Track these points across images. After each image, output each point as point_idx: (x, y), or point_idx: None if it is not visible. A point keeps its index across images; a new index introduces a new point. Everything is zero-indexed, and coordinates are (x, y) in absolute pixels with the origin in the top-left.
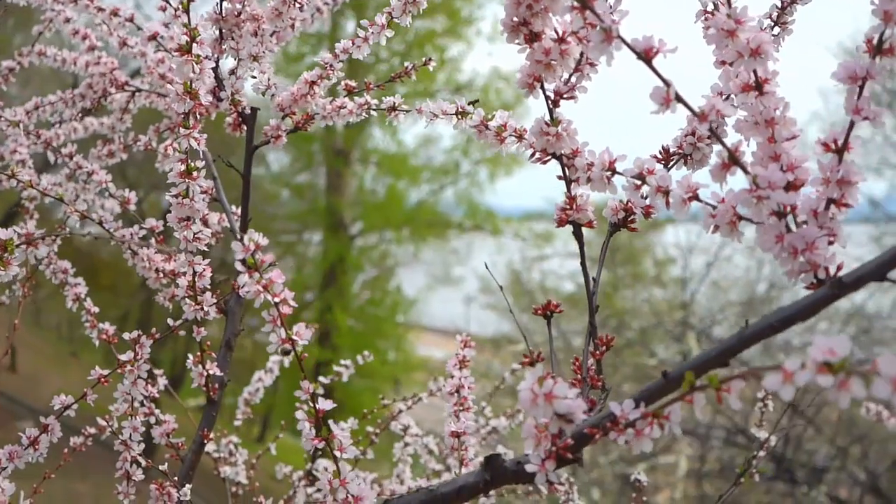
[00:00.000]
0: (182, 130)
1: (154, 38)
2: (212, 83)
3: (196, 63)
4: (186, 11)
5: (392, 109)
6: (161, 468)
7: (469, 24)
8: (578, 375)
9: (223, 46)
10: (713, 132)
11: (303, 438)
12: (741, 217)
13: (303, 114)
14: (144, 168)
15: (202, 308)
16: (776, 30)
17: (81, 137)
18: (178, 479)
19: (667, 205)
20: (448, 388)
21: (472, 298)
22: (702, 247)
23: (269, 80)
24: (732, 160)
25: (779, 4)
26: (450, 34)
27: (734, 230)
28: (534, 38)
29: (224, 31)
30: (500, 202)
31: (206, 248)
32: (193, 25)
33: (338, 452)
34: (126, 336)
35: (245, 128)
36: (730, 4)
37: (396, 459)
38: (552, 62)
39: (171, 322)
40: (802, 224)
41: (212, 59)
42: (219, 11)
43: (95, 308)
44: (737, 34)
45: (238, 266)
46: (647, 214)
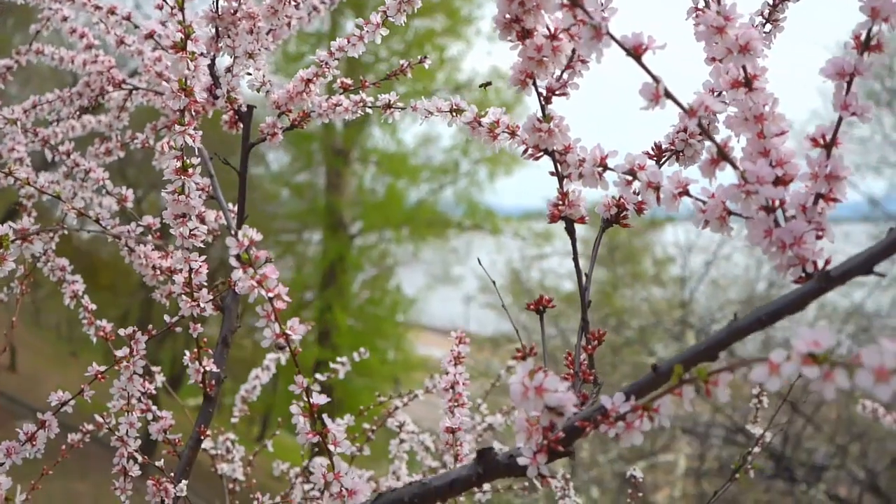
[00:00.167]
0: (177, 127)
1: (151, 37)
2: (208, 81)
3: (191, 60)
4: (181, 9)
5: (387, 107)
6: (157, 464)
7: (468, 24)
8: (571, 370)
9: (219, 44)
10: (702, 128)
11: (297, 432)
12: (731, 212)
13: (299, 111)
14: (144, 168)
15: (198, 304)
16: (767, 27)
17: (79, 135)
18: (175, 475)
19: (657, 200)
20: (443, 385)
21: (472, 298)
22: (701, 246)
23: (265, 78)
24: (721, 155)
25: (770, 2)
26: (449, 33)
27: (724, 225)
28: (526, 35)
29: (220, 29)
30: (500, 201)
31: (203, 245)
32: (188, 22)
33: (332, 446)
34: (122, 332)
35: (241, 125)
36: (719, 2)
37: (392, 456)
38: (544, 59)
39: (168, 319)
40: (791, 219)
41: (208, 57)
42: (215, 9)
43: (93, 305)
44: (726, 31)
45: (232, 261)
46: (640, 210)
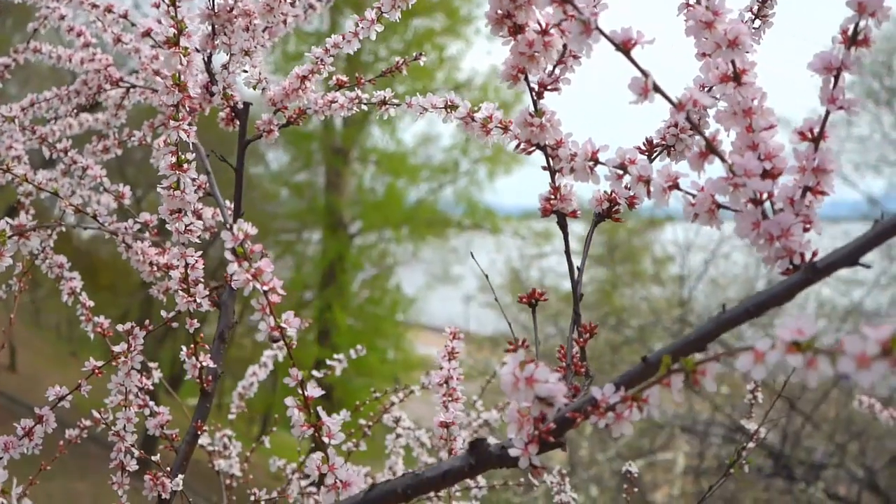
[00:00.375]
0: (172, 122)
1: (148, 35)
2: (204, 78)
3: (184, 55)
4: (174, 4)
5: (383, 103)
6: (154, 459)
7: (468, 23)
8: (563, 363)
9: (215, 42)
10: (692, 122)
11: (292, 425)
12: (720, 205)
13: (295, 108)
14: (143, 167)
15: (195, 300)
16: (756, 23)
17: (77, 133)
18: (172, 470)
19: (648, 194)
20: (437, 379)
21: (472, 297)
22: (700, 244)
23: (261, 75)
24: (710, 149)
25: None
26: (449, 33)
27: (713, 218)
28: (517, 31)
29: (217, 27)
30: (500, 201)
31: (199, 241)
32: (181, 18)
33: (326, 439)
34: (120, 328)
35: (238, 122)
36: None
37: (388, 451)
38: (536, 54)
39: (165, 314)
40: (779, 212)
41: (204, 54)
42: (211, 7)
43: (91, 302)
44: (715, 25)
45: (228, 255)
46: (631, 205)
